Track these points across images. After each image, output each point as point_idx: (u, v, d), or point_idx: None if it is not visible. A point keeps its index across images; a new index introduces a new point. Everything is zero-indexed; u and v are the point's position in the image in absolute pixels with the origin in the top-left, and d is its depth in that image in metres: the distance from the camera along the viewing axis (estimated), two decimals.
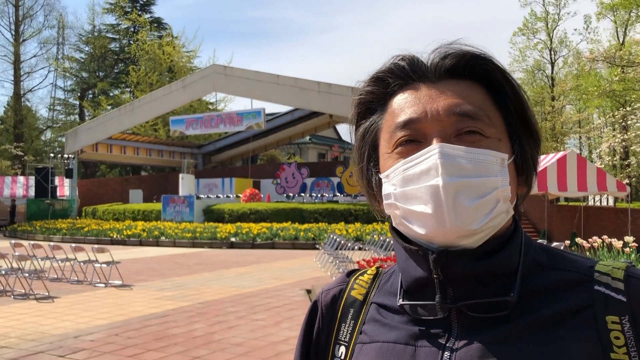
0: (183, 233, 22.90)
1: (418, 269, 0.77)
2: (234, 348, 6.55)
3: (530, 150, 0.79)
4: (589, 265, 0.76)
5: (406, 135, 0.76)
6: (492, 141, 0.75)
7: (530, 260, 0.77)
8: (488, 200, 0.72)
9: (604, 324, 0.70)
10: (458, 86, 0.77)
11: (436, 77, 0.78)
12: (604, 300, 0.71)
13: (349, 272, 0.94)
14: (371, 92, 0.82)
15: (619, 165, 30.21)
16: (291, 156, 49.40)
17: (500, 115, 0.78)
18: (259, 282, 12.00)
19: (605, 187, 16.45)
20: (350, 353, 0.83)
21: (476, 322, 0.74)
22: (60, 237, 24.40)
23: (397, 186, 0.76)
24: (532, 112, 0.80)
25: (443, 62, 0.78)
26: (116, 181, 39.77)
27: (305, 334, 0.90)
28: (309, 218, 24.95)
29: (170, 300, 9.72)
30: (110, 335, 7.22)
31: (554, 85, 39.13)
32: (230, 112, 32.71)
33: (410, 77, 0.79)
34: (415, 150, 0.75)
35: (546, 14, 39.54)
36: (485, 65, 0.77)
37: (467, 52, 0.77)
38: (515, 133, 0.78)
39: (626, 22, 32.31)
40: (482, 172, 0.72)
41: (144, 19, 48.17)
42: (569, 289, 0.74)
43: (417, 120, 0.76)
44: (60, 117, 54.18)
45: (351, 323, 0.85)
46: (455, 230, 0.71)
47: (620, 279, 0.72)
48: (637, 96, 26.48)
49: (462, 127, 0.74)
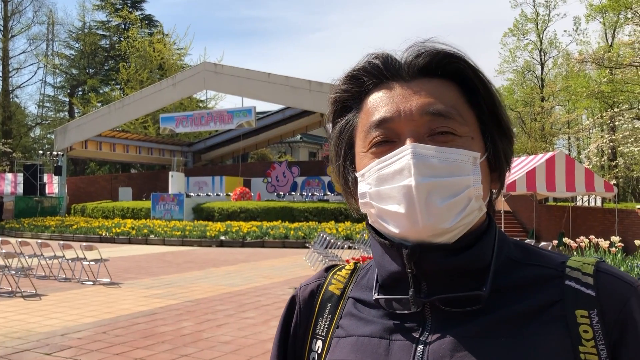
0: (172, 231, 22.82)
1: (393, 263, 0.78)
2: (222, 346, 6.55)
3: (502, 147, 0.80)
4: (560, 260, 0.77)
5: (380, 135, 0.77)
6: (464, 140, 0.76)
7: (504, 256, 0.79)
8: (460, 199, 0.73)
9: (573, 317, 0.71)
10: (431, 85, 0.78)
11: (409, 76, 0.79)
12: (574, 294, 0.73)
13: (327, 267, 0.95)
14: (346, 91, 0.83)
15: (606, 166, 30.45)
16: (282, 155, 49.35)
17: (474, 113, 0.78)
18: (249, 280, 11.99)
19: (593, 188, 16.59)
20: (327, 347, 0.84)
21: (450, 317, 0.75)
22: (48, 235, 24.22)
23: (372, 185, 0.77)
24: (504, 110, 0.81)
25: (416, 60, 0.78)
26: (105, 179, 39.54)
27: (282, 328, 0.91)
28: (299, 217, 24.95)
29: (159, 299, 9.70)
30: (98, 333, 7.19)
31: (543, 86, 39.38)
32: (221, 110, 32.60)
33: (384, 75, 0.80)
34: (390, 150, 0.76)
35: (536, 15, 39.79)
36: (457, 63, 0.78)
37: (440, 51, 0.78)
38: (487, 130, 0.79)
39: (615, 24, 32.56)
40: (454, 171, 0.73)
41: (135, 16, 47.89)
42: (541, 284, 0.75)
43: (391, 119, 0.76)
44: (50, 113, 53.84)
45: (328, 317, 0.86)
46: (428, 229, 0.72)
47: (590, 273, 0.74)
48: (625, 97, 26.72)
49: (434, 126, 0.75)
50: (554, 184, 16.31)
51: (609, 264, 0.76)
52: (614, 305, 0.71)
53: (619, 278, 0.74)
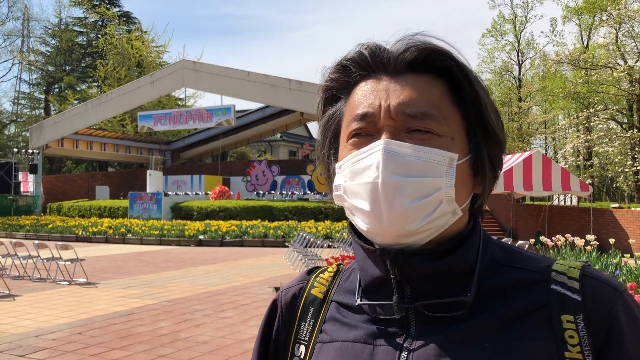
0: (150, 230, 22.59)
1: (376, 268, 0.76)
2: (200, 346, 6.50)
3: (488, 149, 0.77)
4: (546, 264, 0.76)
5: (361, 127, 0.75)
6: (443, 139, 0.73)
7: (489, 259, 0.77)
8: (430, 201, 0.71)
9: (559, 322, 0.70)
10: (416, 81, 0.75)
11: (396, 70, 0.76)
12: (560, 299, 0.72)
13: (309, 270, 0.93)
14: (335, 80, 0.81)
15: (582, 166, 30.95)
16: (262, 153, 49.18)
17: (459, 112, 0.76)
18: (227, 280, 11.93)
19: (569, 187, 16.85)
20: (310, 352, 0.82)
21: (434, 322, 0.74)
22: (23, 234, 23.80)
23: (347, 178, 0.75)
24: (492, 112, 0.78)
25: (404, 55, 0.76)
26: (82, 177, 39.01)
27: (263, 333, 0.89)
28: (279, 216, 24.91)
29: (136, 299, 9.59)
30: (73, 334, 7.08)
31: (520, 86, 39.87)
32: (200, 109, 32.36)
33: (371, 68, 0.78)
34: (367, 143, 0.74)
35: (514, 16, 40.25)
36: (445, 61, 0.75)
37: (428, 46, 0.75)
38: (473, 131, 0.76)
39: (590, 26, 33.08)
40: (427, 171, 0.71)
41: (112, 13, 47.31)
42: (526, 288, 0.74)
43: (371, 114, 0.75)
44: (25, 111, 52.88)
45: (311, 322, 0.84)
46: (394, 229, 0.71)
47: (576, 278, 0.73)
48: (600, 98, 27.17)
49: (412, 124, 0.73)
50: (530, 183, 16.52)
51: (594, 268, 0.75)
52: (599, 311, 0.70)
53: (604, 282, 0.73)
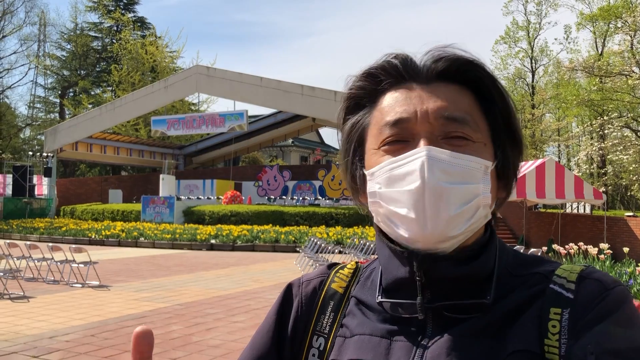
0: (162, 234, 22.71)
1: (400, 269, 0.78)
2: (211, 350, 6.53)
3: (512, 157, 0.81)
4: (550, 269, 0.78)
5: (394, 133, 0.77)
6: (478, 146, 0.76)
7: (504, 264, 0.80)
8: (470, 207, 0.74)
9: (547, 313, 0.73)
10: (448, 90, 0.78)
11: (427, 79, 0.79)
12: (554, 295, 0.74)
13: (329, 265, 0.95)
14: (362, 88, 0.82)
15: (596, 174, 30.68)
16: (273, 159, 49.29)
17: (487, 121, 0.79)
18: (238, 284, 11.96)
19: (583, 195, 16.70)
20: (330, 345, 0.84)
21: (449, 323, 0.76)
22: (37, 237, 24.04)
23: (382, 185, 0.77)
24: (518, 121, 0.82)
25: (435, 65, 0.78)
26: (95, 181, 39.32)
27: (277, 316, 0.89)
28: (290, 221, 24.93)
29: (148, 302, 9.65)
30: (86, 335, 7.14)
31: (534, 93, 39.66)
32: (213, 114, 32.53)
33: (402, 76, 0.80)
34: (402, 149, 0.76)
35: (527, 23, 40.11)
36: (476, 71, 0.78)
37: (460, 57, 0.78)
38: (499, 139, 0.80)
39: (605, 33, 32.87)
40: (467, 178, 0.74)
41: (127, 18, 47.77)
42: (530, 289, 0.77)
43: (407, 120, 0.77)
44: (40, 115, 53.45)
45: (331, 315, 0.86)
46: (437, 235, 0.73)
47: (574, 280, 0.75)
48: (615, 106, 26.94)
49: (449, 130, 0.76)
50: (543, 191, 16.41)
51: (595, 269, 0.77)
52: (586, 306, 0.72)
53: (598, 281, 0.74)
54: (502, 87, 0.80)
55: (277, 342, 0.88)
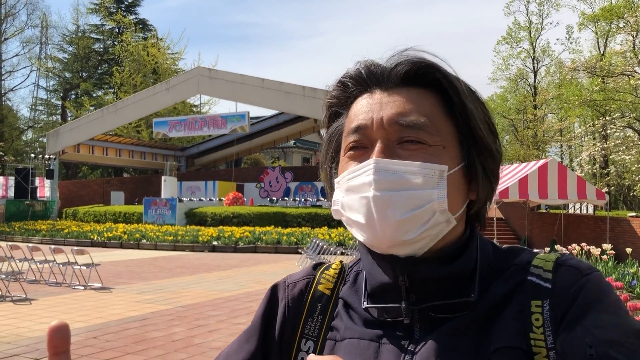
0: (165, 236, 22.73)
1: (384, 274, 0.80)
2: (213, 352, 6.52)
3: (479, 158, 0.80)
4: (527, 259, 0.80)
5: (355, 140, 0.80)
6: (435, 149, 0.77)
7: (485, 260, 0.81)
8: (422, 212, 0.74)
9: (528, 307, 0.74)
10: (409, 94, 0.79)
11: (389, 84, 0.81)
12: (533, 287, 0.76)
13: (314, 265, 0.95)
14: (336, 97, 0.86)
15: (598, 174, 30.62)
16: (275, 160, 49.33)
17: (452, 122, 0.79)
18: (241, 286, 11.96)
19: (585, 195, 16.68)
20: (320, 348, 0.84)
21: (437, 323, 0.77)
22: (39, 239, 24.08)
23: (343, 194, 0.80)
24: (481, 122, 0.80)
25: (396, 69, 0.80)
26: (97, 183, 39.36)
27: (263, 317, 0.90)
28: (292, 222, 24.92)
29: (150, 304, 9.65)
30: (88, 338, 7.14)
31: (536, 93, 39.63)
32: (215, 115, 32.55)
33: (366, 83, 0.82)
34: (362, 155, 0.79)
35: (529, 23, 40.10)
36: (434, 74, 0.79)
37: (417, 61, 0.79)
38: (464, 141, 0.80)
39: (607, 34, 32.83)
40: (417, 185, 0.75)
41: (129, 20, 47.86)
42: (509, 281, 0.78)
43: (365, 127, 0.79)
44: (42, 117, 53.59)
45: (319, 318, 0.86)
46: (387, 240, 0.75)
47: (550, 270, 0.76)
48: (617, 106, 26.89)
49: (404, 135, 0.77)
50: (546, 192, 16.38)
51: (570, 256, 0.79)
52: (563, 295, 0.73)
53: (573, 267, 0.76)
54: (460, 88, 0.79)
55: (263, 346, 0.88)
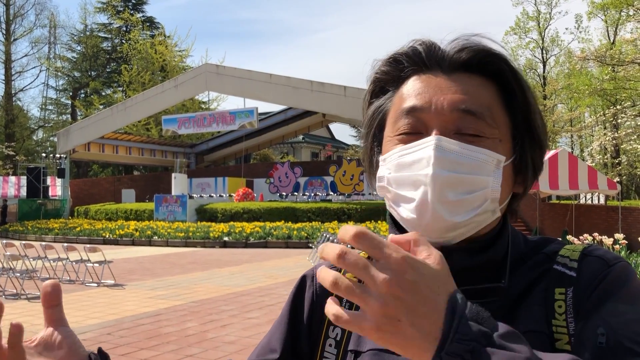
0: (176, 232, 22.85)
1: None
2: (226, 346, 6.56)
3: (531, 153, 0.80)
4: (554, 249, 0.80)
5: (408, 124, 0.77)
6: (491, 142, 0.75)
7: (516, 249, 0.81)
8: (475, 197, 0.73)
9: (552, 294, 0.75)
10: (469, 81, 0.77)
11: (450, 69, 0.78)
12: (558, 275, 0.76)
13: None
14: (386, 72, 0.82)
15: (609, 164, 30.39)
16: (284, 155, 49.39)
17: (507, 115, 0.78)
18: (252, 281, 12.01)
19: (597, 186, 16.55)
20: (347, 335, 0.85)
21: None
22: (52, 237, 24.28)
23: (391, 170, 0.77)
24: (539, 117, 0.80)
25: (459, 55, 0.78)
26: (108, 181, 39.60)
27: (292, 306, 0.92)
28: (302, 217, 24.95)
29: (163, 300, 9.71)
30: (103, 334, 7.21)
31: (545, 84, 39.33)
32: (223, 111, 32.62)
33: (424, 64, 0.79)
34: (415, 140, 0.76)
35: (538, 13, 39.75)
36: (498, 64, 0.78)
37: (483, 49, 0.78)
38: (519, 135, 0.79)
39: (617, 22, 32.48)
40: (475, 170, 0.73)
41: (136, 18, 47.98)
42: (535, 270, 0.79)
43: (421, 109, 0.76)
44: (52, 116, 53.96)
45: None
46: (437, 220, 0.73)
47: (576, 259, 0.77)
48: (628, 95, 26.63)
49: (463, 125, 0.75)
50: (557, 182, 16.28)
51: (597, 247, 0.78)
52: (587, 284, 0.73)
53: (599, 258, 0.76)
54: (524, 82, 0.79)
55: (292, 333, 0.90)
